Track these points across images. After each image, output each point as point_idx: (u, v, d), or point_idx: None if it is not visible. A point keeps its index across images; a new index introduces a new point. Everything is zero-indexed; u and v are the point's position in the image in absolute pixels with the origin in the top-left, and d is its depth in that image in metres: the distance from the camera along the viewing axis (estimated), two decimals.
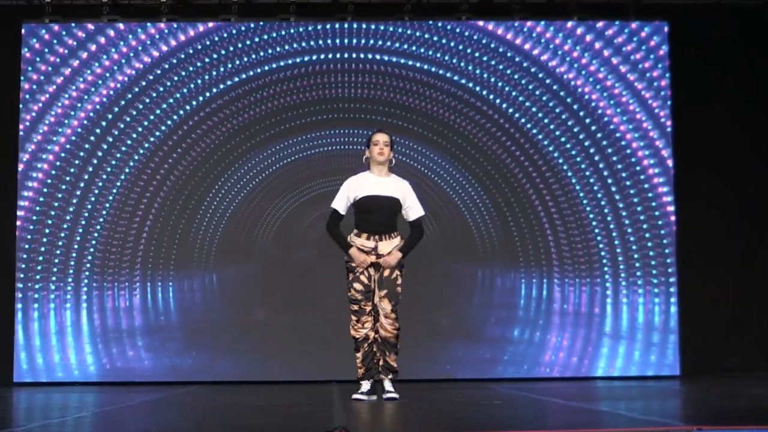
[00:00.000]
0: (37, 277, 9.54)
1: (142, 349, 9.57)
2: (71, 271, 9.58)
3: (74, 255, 9.60)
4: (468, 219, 9.78)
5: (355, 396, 6.82)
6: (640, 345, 9.65)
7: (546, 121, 9.82)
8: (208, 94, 9.81)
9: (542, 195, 9.79)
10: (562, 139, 9.81)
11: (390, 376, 6.84)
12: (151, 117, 9.76)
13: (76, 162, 9.68)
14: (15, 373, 9.42)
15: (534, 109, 9.84)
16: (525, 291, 9.73)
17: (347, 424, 4.87)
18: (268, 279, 9.71)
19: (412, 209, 6.98)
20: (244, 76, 9.83)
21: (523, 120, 9.83)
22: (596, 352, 9.66)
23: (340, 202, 6.96)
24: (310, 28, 9.84)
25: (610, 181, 9.79)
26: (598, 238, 9.76)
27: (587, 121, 9.83)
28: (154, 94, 9.78)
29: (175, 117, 9.79)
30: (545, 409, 6.26)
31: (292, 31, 9.84)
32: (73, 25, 9.72)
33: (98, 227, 9.63)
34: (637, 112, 9.82)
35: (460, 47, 9.86)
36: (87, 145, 9.71)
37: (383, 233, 6.82)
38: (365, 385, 6.88)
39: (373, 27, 9.86)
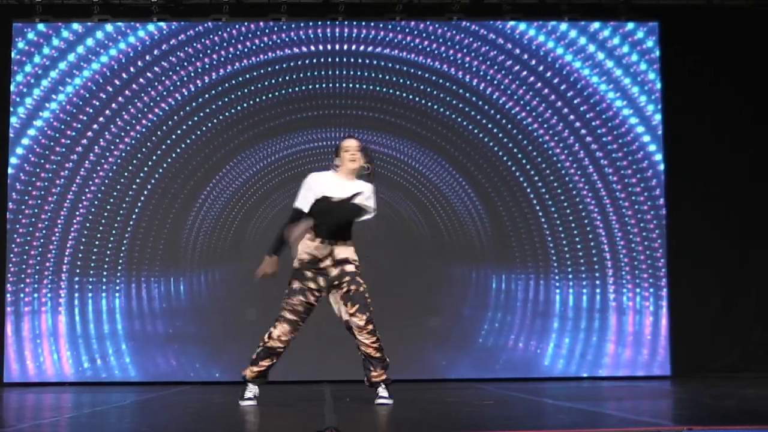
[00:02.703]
0: (13, 279, 9.49)
1: (133, 349, 9.55)
2: (48, 273, 9.54)
3: (57, 253, 9.57)
4: (462, 216, 9.76)
5: (243, 403, 6.55)
6: (631, 345, 9.66)
7: (544, 117, 9.82)
8: (192, 88, 9.77)
9: (538, 194, 9.78)
10: (560, 136, 9.82)
11: (382, 387, 6.56)
12: (134, 111, 9.72)
13: (56, 158, 9.65)
14: (5, 373, 9.40)
15: (531, 105, 9.83)
16: (519, 291, 9.72)
17: (338, 424, 4.87)
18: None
19: (364, 200, 6.55)
20: (230, 68, 9.79)
21: (519, 117, 9.83)
22: (587, 353, 9.67)
23: (305, 201, 6.52)
24: (301, 23, 9.84)
25: (610, 179, 9.79)
26: (600, 238, 9.75)
27: (579, 121, 9.85)
28: (136, 87, 9.74)
29: (159, 112, 9.75)
30: (536, 409, 6.27)
31: (281, 23, 9.81)
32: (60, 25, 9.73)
33: (86, 226, 9.61)
34: (629, 115, 9.82)
35: (456, 39, 9.85)
36: (68, 141, 9.66)
37: (339, 238, 6.52)
38: (251, 388, 6.63)
39: (363, 22, 9.86)
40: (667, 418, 5.65)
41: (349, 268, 6.54)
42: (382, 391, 6.56)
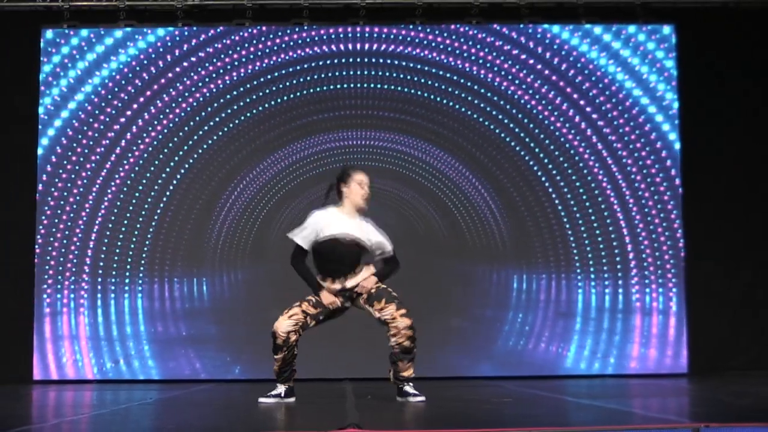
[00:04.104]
0: (37, 280, 9.60)
1: (155, 351, 9.64)
2: (71, 274, 9.63)
3: (79, 254, 9.67)
4: (484, 215, 9.79)
5: (261, 399, 6.60)
6: (649, 343, 9.69)
7: (567, 116, 9.85)
8: (213, 88, 9.83)
9: (560, 193, 9.81)
10: (582, 135, 9.85)
11: (408, 385, 6.59)
12: (155, 112, 9.81)
13: (79, 158, 9.75)
14: (34, 371, 9.51)
15: (554, 104, 9.86)
16: (541, 291, 9.74)
17: (360, 421, 4.93)
18: (281, 278, 9.74)
19: (379, 248, 6.62)
20: (251, 69, 9.85)
21: (541, 116, 9.86)
22: (605, 350, 9.69)
23: (306, 239, 6.52)
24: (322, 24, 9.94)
25: (632, 177, 9.82)
26: (623, 238, 9.79)
27: (602, 120, 9.87)
28: (157, 87, 9.83)
29: (180, 112, 9.82)
30: (555, 406, 6.31)
31: (304, 23, 9.89)
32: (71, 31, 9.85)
33: (110, 226, 9.70)
34: (653, 114, 9.84)
35: (479, 37, 9.90)
36: (90, 141, 9.77)
37: (347, 273, 6.53)
38: (280, 388, 6.68)
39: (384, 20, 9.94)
40: (685, 415, 5.68)
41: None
42: (411, 389, 6.58)
